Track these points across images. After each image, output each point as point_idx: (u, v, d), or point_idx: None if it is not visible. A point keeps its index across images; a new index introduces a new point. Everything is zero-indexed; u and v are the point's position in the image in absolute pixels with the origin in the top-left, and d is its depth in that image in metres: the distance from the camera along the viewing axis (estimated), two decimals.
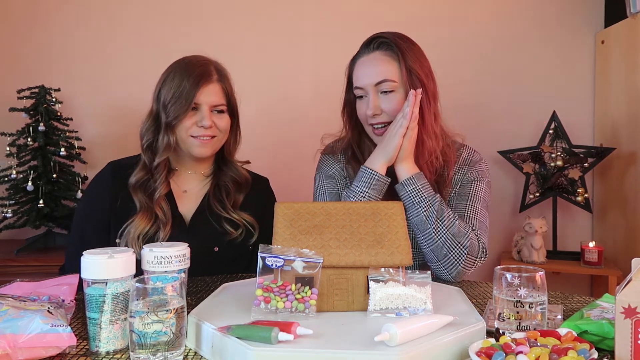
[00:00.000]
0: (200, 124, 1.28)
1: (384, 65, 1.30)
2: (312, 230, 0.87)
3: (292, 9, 2.39)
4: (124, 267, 0.78)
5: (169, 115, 1.27)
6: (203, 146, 1.30)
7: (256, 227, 1.36)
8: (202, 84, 1.28)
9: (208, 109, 1.29)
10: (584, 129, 2.41)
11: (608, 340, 0.75)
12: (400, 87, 1.29)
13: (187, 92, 1.26)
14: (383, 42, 1.31)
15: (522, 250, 2.21)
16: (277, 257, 0.81)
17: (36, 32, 2.28)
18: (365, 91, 1.31)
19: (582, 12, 2.41)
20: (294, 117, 2.40)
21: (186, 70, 1.29)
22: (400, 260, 0.84)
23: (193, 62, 1.32)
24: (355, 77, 1.35)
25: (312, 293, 0.81)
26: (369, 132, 1.36)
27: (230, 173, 1.40)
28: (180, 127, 1.28)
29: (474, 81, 2.41)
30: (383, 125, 1.31)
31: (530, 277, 0.80)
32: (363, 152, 1.40)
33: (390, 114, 1.29)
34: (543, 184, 2.25)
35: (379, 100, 1.30)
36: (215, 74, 1.31)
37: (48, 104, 2.06)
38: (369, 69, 1.31)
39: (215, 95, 1.30)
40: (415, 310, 0.78)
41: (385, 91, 1.29)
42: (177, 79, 1.29)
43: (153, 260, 0.85)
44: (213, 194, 1.36)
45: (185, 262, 0.88)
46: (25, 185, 1.99)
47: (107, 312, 0.76)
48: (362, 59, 1.34)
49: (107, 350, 0.77)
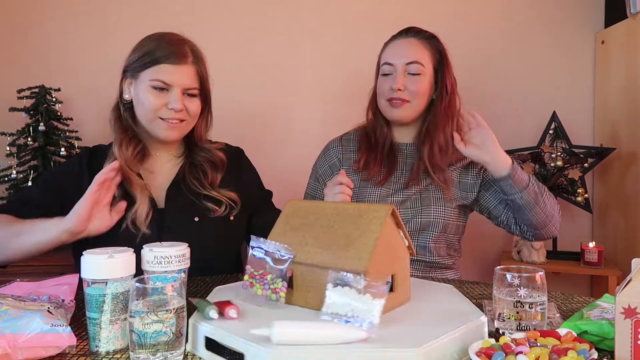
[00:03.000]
0: (170, 106, 1.22)
1: (417, 49, 1.40)
2: (301, 227, 0.89)
3: (292, 7, 2.39)
4: (124, 267, 0.78)
5: (129, 68, 1.26)
6: (171, 129, 1.26)
7: (238, 202, 1.33)
8: (176, 62, 1.22)
9: (180, 91, 1.23)
10: (584, 129, 2.41)
11: (608, 341, 0.75)
12: (427, 73, 1.39)
13: (153, 60, 1.22)
14: (422, 32, 1.43)
15: (522, 250, 2.21)
16: (259, 249, 0.86)
17: (36, 32, 2.28)
18: (394, 68, 1.39)
19: (582, 12, 2.41)
20: (294, 116, 2.40)
21: (158, 45, 1.24)
22: (357, 267, 0.78)
23: (167, 38, 1.26)
24: (386, 55, 1.43)
25: (282, 286, 0.83)
26: (384, 107, 1.43)
27: (203, 154, 1.35)
28: (145, 101, 1.23)
29: (473, 81, 2.40)
30: (402, 101, 1.39)
31: (530, 277, 0.80)
32: (375, 131, 1.48)
33: (412, 94, 1.39)
34: (543, 184, 2.25)
35: (405, 79, 1.38)
36: (191, 56, 1.25)
37: (48, 103, 2.06)
38: (403, 50, 1.41)
39: (188, 78, 1.24)
40: (360, 321, 0.72)
41: (413, 73, 1.38)
42: (147, 47, 1.25)
43: (153, 260, 0.85)
44: (189, 172, 1.32)
45: (185, 262, 0.88)
46: (26, 185, 1.99)
47: (107, 312, 0.76)
48: (397, 41, 1.44)
49: (107, 350, 0.77)
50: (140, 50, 1.26)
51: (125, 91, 1.29)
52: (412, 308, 0.86)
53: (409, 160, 1.48)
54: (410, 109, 1.40)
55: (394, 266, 0.86)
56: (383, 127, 1.47)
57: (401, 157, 1.48)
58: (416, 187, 1.43)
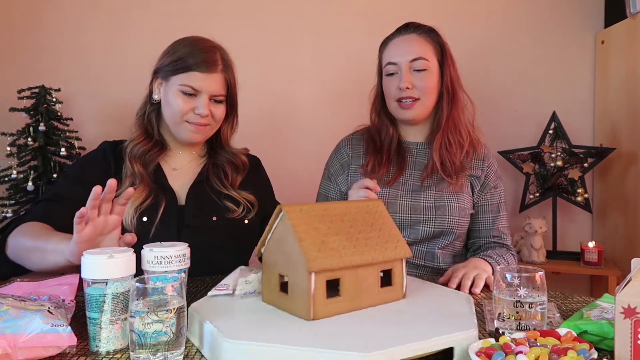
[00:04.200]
0: (197, 111, 1.27)
1: (420, 44, 1.37)
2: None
3: (292, 6, 2.39)
4: (124, 267, 0.78)
5: (161, 70, 1.29)
6: (196, 132, 1.30)
7: (256, 204, 1.37)
8: (206, 70, 1.26)
9: (207, 97, 1.28)
10: (584, 129, 2.41)
11: (608, 341, 0.75)
12: (432, 68, 1.36)
13: (185, 66, 1.26)
14: (420, 27, 1.40)
15: (522, 250, 2.21)
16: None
17: (36, 32, 2.28)
18: (399, 67, 1.36)
19: (582, 12, 2.41)
20: (293, 114, 2.40)
21: (191, 51, 1.27)
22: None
23: (200, 45, 1.30)
24: (388, 55, 1.40)
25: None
26: (394, 109, 1.40)
27: (226, 155, 1.40)
28: (174, 104, 1.27)
29: (473, 81, 2.39)
30: (412, 100, 1.35)
31: (530, 277, 0.81)
32: (380, 133, 1.45)
33: (421, 90, 1.35)
34: (543, 184, 2.25)
35: (411, 76, 1.35)
36: (221, 64, 1.30)
37: (48, 104, 2.06)
38: (405, 47, 1.37)
39: (217, 85, 1.29)
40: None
41: (418, 69, 1.35)
42: (180, 53, 1.28)
43: (153, 260, 0.85)
44: (212, 172, 1.37)
45: (185, 262, 0.88)
46: (26, 185, 1.99)
47: (107, 312, 0.76)
48: (397, 39, 1.40)
49: (107, 350, 0.77)
50: (173, 55, 1.30)
51: (155, 91, 1.33)
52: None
53: (418, 160, 1.44)
54: (420, 107, 1.37)
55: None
56: (389, 128, 1.44)
57: (410, 157, 1.44)
58: (428, 191, 1.38)
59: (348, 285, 0.83)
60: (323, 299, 0.79)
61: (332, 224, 0.86)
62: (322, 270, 0.79)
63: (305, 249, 0.79)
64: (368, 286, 0.85)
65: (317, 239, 0.82)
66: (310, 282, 0.78)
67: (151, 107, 1.35)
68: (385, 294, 0.88)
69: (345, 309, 0.82)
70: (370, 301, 0.85)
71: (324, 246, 0.82)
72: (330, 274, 0.81)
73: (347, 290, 0.82)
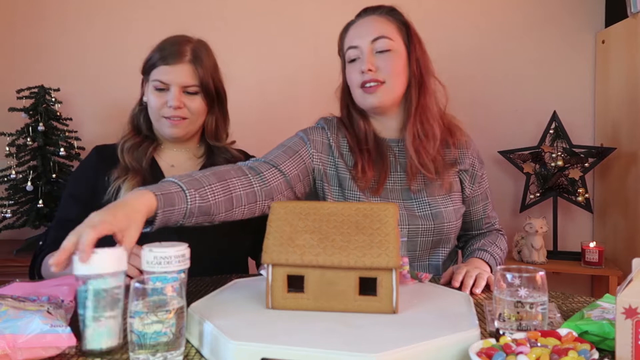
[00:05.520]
0: (168, 104, 1.29)
1: (381, 24, 1.26)
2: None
3: (292, 6, 2.39)
4: (107, 264, 0.76)
5: (144, 72, 1.36)
6: (173, 127, 1.31)
7: None
8: (172, 62, 1.29)
9: (178, 89, 1.29)
10: (584, 129, 2.40)
11: (609, 341, 0.75)
12: (397, 49, 1.24)
13: (155, 62, 1.31)
14: (380, 7, 1.30)
15: (522, 250, 2.21)
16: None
17: (36, 32, 2.28)
18: (360, 51, 1.24)
19: (582, 12, 2.41)
20: (293, 114, 2.39)
21: (160, 47, 1.33)
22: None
23: (169, 40, 1.34)
24: (348, 40, 1.28)
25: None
26: (359, 96, 1.26)
27: (223, 155, 1.40)
28: (150, 101, 1.31)
29: (473, 81, 2.40)
30: (376, 83, 1.22)
31: (530, 277, 0.80)
32: (353, 128, 1.31)
33: (385, 73, 1.22)
34: (543, 184, 2.25)
35: (374, 58, 1.23)
36: (189, 55, 1.31)
37: (47, 104, 2.06)
38: (365, 28, 1.26)
39: (185, 76, 1.30)
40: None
41: (381, 50, 1.23)
42: (153, 51, 1.34)
43: (152, 261, 0.85)
44: None
45: (185, 262, 0.88)
46: (25, 186, 1.99)
47: (89, 309, 0.75)
48: (357, 22, 1.30)
49: (91, 348, 0.75)
50: (150, 54, 1.34)
51: (145, 93, 1.37)
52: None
53: (401, 159, 1.30)
54: (386, 91, 1.22)
55: None
56: (359, 121, 1.30)
57: (392, 156, 1.30)
58: (420, 197, 1.27)
59: (312, 283, 0.84)
60: (282, 292, 0.84)
61: (312, 223, 0.87)
62: (279, 264, 0.83)
63: (267, 243, 0.85)
64: (340, 290, 0.83)
65: (285, 234, 0.85)
66: (269, 273, 0.84)
67: (140, 107, 1.40)
68: (365, 303, 0.83)
69: (308, 306, 0.84)
70: (344, 306, 0.83)
71: (290, 242, 0.84)
72: (292, 269, 0.84)
73: (311, 288, 0.84)
